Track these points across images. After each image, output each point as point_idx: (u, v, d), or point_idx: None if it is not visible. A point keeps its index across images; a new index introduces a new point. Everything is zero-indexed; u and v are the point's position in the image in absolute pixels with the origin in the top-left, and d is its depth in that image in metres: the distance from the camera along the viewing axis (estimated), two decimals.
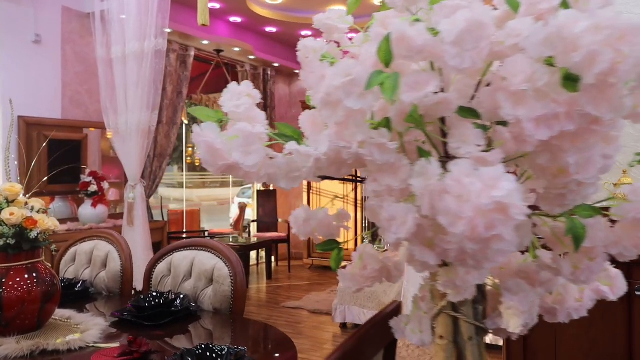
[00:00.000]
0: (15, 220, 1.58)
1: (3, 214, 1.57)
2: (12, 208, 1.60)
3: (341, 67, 0.70)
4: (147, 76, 3.87)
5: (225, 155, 0.79)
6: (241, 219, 8.54)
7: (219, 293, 1.95)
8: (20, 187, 1.66)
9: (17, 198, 1.65)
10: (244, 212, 8.56)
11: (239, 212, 8.60)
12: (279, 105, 7.68)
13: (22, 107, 4.16)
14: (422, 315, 1.00)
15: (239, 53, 6.51)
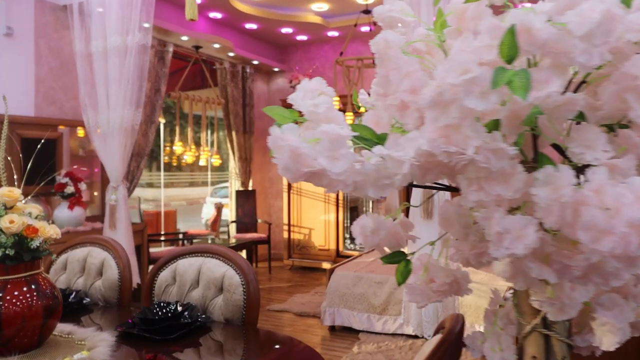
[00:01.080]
0: (15, 229, 1.44)
1: (2, 222, 1.42)
2: (11, 215, 1.45)
3: (457, 63, 0.62)
4: (130, 72, 3.70)
5: (311, 162, 0.70)
6: (218, 219, 8.36)
7: (231, 302, 1.84)
8: (19, 192, 1.51)
9: (15, 204, 1.51)
10: (220, 212, 8.39)
11: (215, 213, 8.42)
12: (257, 104, 7.54)
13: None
14: (499, 332, 0.93)
15: (218, 50, 6.34)
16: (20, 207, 1.52)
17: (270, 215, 7.82)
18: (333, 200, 6.77)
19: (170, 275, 1.99)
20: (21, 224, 1.45)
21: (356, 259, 5.02)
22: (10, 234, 1.44)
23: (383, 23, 0.99)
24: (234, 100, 6.92)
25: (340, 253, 6.76)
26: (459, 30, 0.93)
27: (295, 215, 7.01)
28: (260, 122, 7.68)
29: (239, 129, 7.02)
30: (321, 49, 7.39)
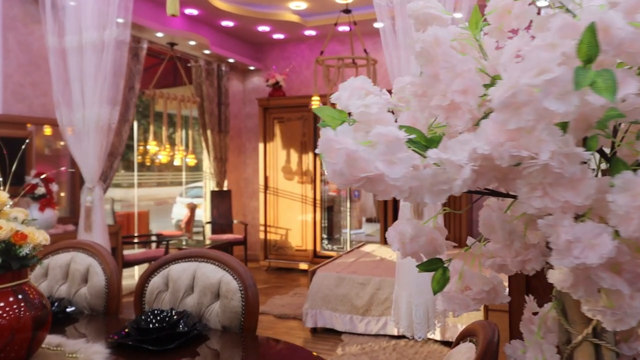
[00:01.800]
0: (4, 235, 1.33)
1: None
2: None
3: (534, 62, 0.59)
4: (107, 68, 3.56)
5: (368, 166, 0.65)
6: (191, 220, 8.20)
7: (229, 309, 1.77)
8: (6, 195, 1.40)
9: (2, 208, 1.40)
10: (194, 213, 8.22)
11: (188, 213, 8.25)
12: (232, 102, 7.42)
13: None
14: (540, 341, 0.90)
15: (193, 47, 6.20)
16: (7, 211, 1.42)
17: (245, 216, 7.71)
18: (310, 200, 6.72)
19: (162, 281, 1.90)
20: (9, 230, 1.35)
21: (337, 259, 4.99)
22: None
23: (417, 21, 0.95)
24: (209, 99, 6.78)
25: (317, 253, 6.72)
26: (500, 29, 0.90)
27: (271, 216, 6.93)
28: (236, 121, 7.57)
29: (214, 128, 6.89)
30: (298, 48, 7.32)
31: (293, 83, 7.26)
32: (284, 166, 6.88)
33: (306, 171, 6.75)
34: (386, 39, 2.80)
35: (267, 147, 6.94)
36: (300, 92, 7.23)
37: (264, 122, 6.92)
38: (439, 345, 3.95)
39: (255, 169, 7.63)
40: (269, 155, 6.93)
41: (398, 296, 2.78)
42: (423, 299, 2.69)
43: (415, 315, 2.66)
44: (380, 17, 2.82)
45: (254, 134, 7.67)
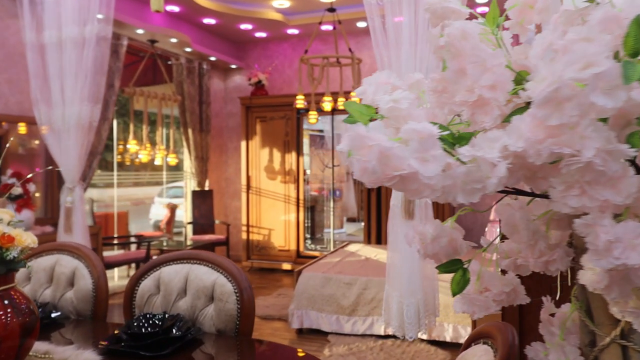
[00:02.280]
0: None
1: None
2: None
3: (579, 55, 0.56)
4: (88, 65, 3.46)
5: (400, 164, 0.62)
6: (172, 221, 8.07)
7: (223, 312, 1.72)
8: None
9: None
10: (174, 213, 8.10)
11: (168, 214, 8.12)
12: (214, 101, 7.33)
13: None
14: (562, 343, 0.89)
15: (174, 45, 6.10)
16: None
17: (227, 216, 7.62)
18: (293, 200, 6.68)
19: (154, 284, 1.84)
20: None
21: (322, 259, 4.96)
22: None
23: (434, 15, 0.92)
24: (190, 98, 6.68)
25: (300, 254, 6.68)
26: (521, 24, 0.88)
27: (254, 216, 6.86)
28: (217, 120, 7.47)
29: (195, 127, 6.79)
30: (280, 47, 7.27)
31: (275, 82, 7.21)
32: (266, 165, 6.82)
33: (289, 171, 6.70)
34: (376, 38, 2.78)
35: (250, 146, 6.87)
36: (282, 91, 7.18)
37: (246, 121, 6.85)
38: (426, 345, 3.95)
39: (237, 169, 7.55)
40: (252, 155, 6.87)
41: (389, 296, 2.76)
42: (414, 299, 2.68)
43: (407, 316, 2.65)
44: (370, 15, 2.80)
45: (235, 133, 7.58)
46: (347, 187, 9.21)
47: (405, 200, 2.71)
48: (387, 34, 2.75)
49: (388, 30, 2.73)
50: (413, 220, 2.70)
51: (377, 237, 6.27)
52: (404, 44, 2.69)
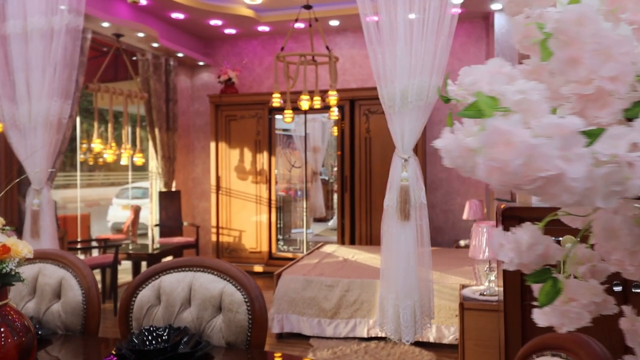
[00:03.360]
0: None
1: None
2: None
3: None
4: (58, 58, 3.22)
5: (545, 164, 0.54)
6: (135, 222, 7.76)
7: (234, 323, 1.60)
8: None
9: None
10: (138, 215, 7.79)
11: (132, 216, 7.81)
12: (180, 99, 7.09)
13: None
14: None
15: (141, 39, 5.84)
16: None
17: (194, 218, 7.40)
18: (265, 200, 6.54)
19: (153, 294, 1.70)
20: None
21: (299, 261, 4.86)
22: None
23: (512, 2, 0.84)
24: (157, 95, 6.43)
25: (273, 255, 6.55)
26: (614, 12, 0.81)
27: (224, 217, 6.68)
28: (183, 119, 7.24)
29: (162, 126, 6.54)
30: (249, 44, 7.11)
31: (245, 80, 7.04)
32: (237, 165, 6.65)
33: (260, 171, 6.56)
34: (370, 36, 2.71)
35: (219, 146, 6.68)
36: (252, 90, 7.02)
37: (216, 119, 6.66)
38: (410, 346, 3.92)
39: (205, 169, 7.34)
40: (221, 155, 6.68)
41: (383, 299, 2.70)
42: (410, 301, 2.63)
43: (403, 319, 2.59)
44: (363, 12, 2.73)
45: (203, 132, 7.37)
46: (314, 187, 9.14)
47: (400, 201, 2.66)
48: (381, 31, 2.68)
49: (382, 27, 2.67)
50: (409, 222, 2.65)
51: (350, 238, 6.22)
52: (399, 42, 2.63)
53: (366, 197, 6.12)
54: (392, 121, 2.69)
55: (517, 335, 2.25)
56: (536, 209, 2.29)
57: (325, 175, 8.33)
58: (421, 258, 2.70)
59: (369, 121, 6.13)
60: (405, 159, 2.67)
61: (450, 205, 6.54)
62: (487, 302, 3.38)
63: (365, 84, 6.66)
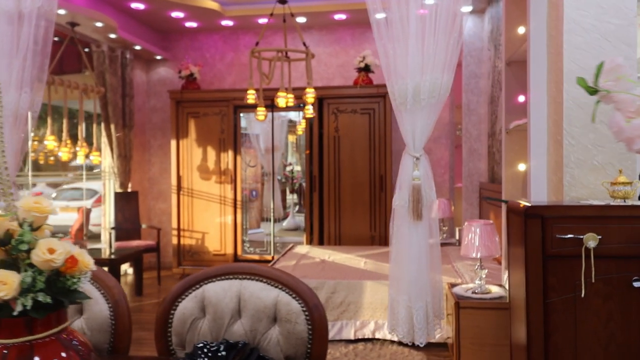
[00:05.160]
0: (60, 262, 0.92)
1: (37, 251, 0.89)
2: (48, 241, 0.92)
3: None
4: (28, 45, 2.91)
5: None
6: (84, 226, 7.28)
7: (293, 335, 1.47)
8: (50, 204, 0.98)
9: (44, 223, 0.97)
10: (88, 217, 7.31)
11: (81, 218, 7.32)
12: (136, 95, 6.71)
13: None
14: None
15: (97, 30, 5.46)
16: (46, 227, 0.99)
17: (151, 220, 7.03)
18: (230, 201, 6.32)
19: (196, 305, 1.53)
20: (65, 253, 0.93)
21: (276, 263, 4.71)
22: (50, 270, 0.91)
23: None
24: (113, 90, 6.04)
25: (238, 257, 6.34)
26: None
27: (185, 219, 6.39)
28: (139, 116, 6.86)
29: (118, 123, 6.15)
30: (210, 39, 6.85)
31: (205, 76, 6.78)
32: (199, 165, 6.38)
33: (225, 170, 6.33)
34: (380, 31, 2.64)
35: (180, 144, 6.38)
36: (212, 86, 6.77)
37: (177, 117, 6.35)
38: (398, 347, 3.90)
39: (162, 168, 6.99)
40: (183, 153, 6.38)
41: (394, 301, 2.63)
42: (422, 303, 2.58)
43: (417, 320, 2.54)
44: (372, 7, 2.65)
45: (160, 129, 7.02)
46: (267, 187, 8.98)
47: (413, 200, 2.60)
48: (391, 26, 2.62)
49: (394, 22, 2.60)
50: (421, 222, 2.60)
51: (319, 238, 6.13)
52: (410, 38, 2.58)
53: (335, 197, 6.06)
54: (402, 119, 2.63)
55: (540, 334, 2.26)
56: (555, 207, 2.31)
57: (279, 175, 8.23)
58: (432, 258, 2.66)
59: (337, 120, 6.07)
60: (416, 158, 2.62)
61: None
62: (481, 300, 3.41)
63: (330, 82, 6.61)
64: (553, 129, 2.79)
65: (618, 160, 2.55)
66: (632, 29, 2.54)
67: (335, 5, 5.96)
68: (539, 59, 2.89)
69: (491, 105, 5.27)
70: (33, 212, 0.95)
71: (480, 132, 5.66)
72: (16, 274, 0.90)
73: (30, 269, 0.92)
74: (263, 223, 8.50)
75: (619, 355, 2.20)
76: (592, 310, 2.21)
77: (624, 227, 2.17)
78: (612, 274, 2.20)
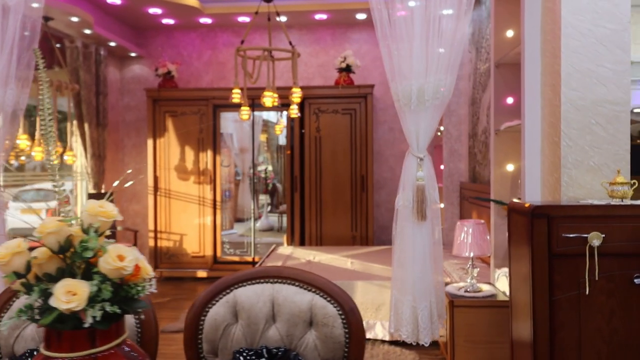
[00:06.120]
0: (130, 269, 0.86)
1: (107, 259, 0.84)
2: (117, 248, 0.87)
3: None
4: (14, 39, 2.77)
5: None
6: None
7: (331, 339, 1.44)
8: (114, 208, 0.92)
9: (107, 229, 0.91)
10: None
11: None
12: (110, 92, 6.50)
13: None
14: None
15: (72, 25, 5.25)
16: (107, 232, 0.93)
17: (125, 222, 6.82)
18: (209, 202, 6.20)
19: (228, 310, 1.48)
20: (135, 260, 0.88)
21: (263, 264, 4.65)
22: (119, 278, 0.86)
23: None
24: (87, 87, 5.83)
25: (218, 259, 6.23)
26: None
27: (162, 220, 6.23)
28: (112, 114, 6.65)
29: (91, 121, 5.94)
30: (187, 37, 6.71)
31: (182, 74, 6.63)
32: (177, 165, 6.24)
33: (204, 170, 6.21)
34: (383, 31, 2.63)
35: (157, 144, 6.22)
36: (189, 85, 6.64)
37: (154, 115, 6.19)
38: (390, 346, 3.91)
39: (136, 168, 6.80)
40: (160, 153, 6.23)
41: (397, 301, 2.63)
42: (427, 303, 2.59)
43: (422, 320, 2.55)
44: (376, 7, 2.64)
45: (134, 128, 6.83)
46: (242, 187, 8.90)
47: (417, 201, 2.61)
48: (394, 26, 2.62)
49: (397, 22, 2.60)
50: (425, 222, 2.61)
51: (300, 239, 6.10)
52: (415, 39, 2.59)
53: (316, 197, 6.04)
54: (406, 119, 2.63)
55: (546, 332, 2.30)
56: (561, 207, 2.36)
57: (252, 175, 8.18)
58: (435, 258, 2.67)
59: (319, 120, 6.05)
60: (420, 158, 2.63)
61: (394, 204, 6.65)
62: (474, 298, 3.46)
63: (310, 82, 6.58)
64: (548, 130, 2.85)
65: (613, 161, 2.63)
66: (626, 34, 2.63)
67: (316, 5, 5.94)
68: (532, 62, 2.96)
69: (472, 107, 5.37)
70: (99, 216, 0.89)
71: (461, 132, 5.75)
72: (85, 284, 0.84)
73: (97, 277, 0.86)
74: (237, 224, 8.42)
75: (622, 351, 2.27)
76: (595, 307, 2.27)
77: (626, 225, 2.24)
78: (615, 272, 2.27)
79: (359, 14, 6.09)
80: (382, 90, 6.46)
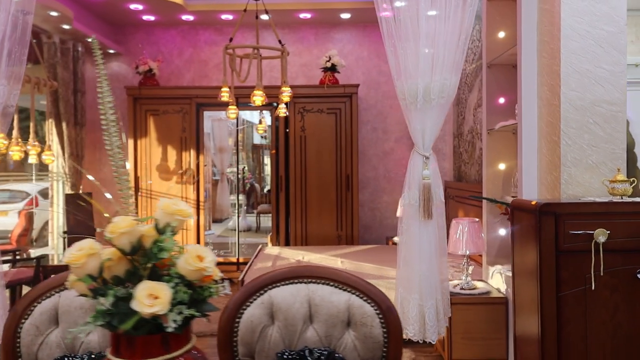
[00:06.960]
0: (210, 270, 0.83)
1: (189, 259, 0.80)
2: (196, 248, 0.83)
3: None
4: (7, 34, 2.65)
5: None
6: (28, 230, 6.76)
7: (370, 339, 1.43)
8: (188, 206, 0.88)
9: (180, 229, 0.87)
10: (31, 222, 6.79)
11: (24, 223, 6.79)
12: (88, 90, 6.31)
13: None
14: None
15: (50, 20, 5.07)
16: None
17: (101, 223, 6.62)
18: (192, 202, 6.09)
19: (264, 312, 1.44)
20: (214, 260, 0.84)
21: (253, 265, 4.60)
22: (198, 279, 0.82)
23: None
24: (65, 84, 5.65)
25: None
26: None
27: None
28: (90, 112, 6.45)
29: (69, 120, 5.76)
30: (167, 34, 6.58)
31: (162, 72, 6.49)
32: (159, 164, 6.10)
33: (187, 170, 6.10)
34: (389, 30, 2.64)
35: (138, 143, 6.07)
36: (170, 83, 6.51)
37: (134, 114, 6.04)
38: None
39: None
40: (141, 153, 6.08)
41: (404, 300, 2.64)
42: (433, 301, 2.61)
43: (428, 318, 2.57)
44: (381, 5, 2.64)
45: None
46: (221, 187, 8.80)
47: (423, 199, 2.63)
48: (400, 25, 2.62)
49: (404, 21, 2.61)
50: (432, 220, 2.63)
51: (285, 238, 6.06)
52: (421, 38, 2.60)
53: (301, 197, 6.01)
54: (411, 118, 2.65)
55: (553, 327, 2.35)
56: (567, 204, 2.41)
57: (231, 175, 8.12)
58: (440, 256, 2.69)
59: (304, 119, 6.03)
60: (426, 157, 2.64)
61: (377, 203, 6.70)
62: (471, 295, 3.51)
63: (293, 81, 6.53)
64: (546, 129, 2.91)
65: (611, 159, 2.70)
66: (623, 36, 2.71)
67: (300, 4, 5.91)
68: (529, 63, 3.01)
69: (457, 107, 5.44)
70: (176, 215, 0.85)
71: (445, 132, 5.82)
72: (167, 287, 0.80)
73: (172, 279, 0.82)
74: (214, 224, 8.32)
75: (625, 344, 2.33)
76: (600, 302, 2.33)
77: (630, 222, 2.31)
78: (618, 267, 2.33)
79: (343, 13, 6.10)
80: (365, 90, 6.48)
